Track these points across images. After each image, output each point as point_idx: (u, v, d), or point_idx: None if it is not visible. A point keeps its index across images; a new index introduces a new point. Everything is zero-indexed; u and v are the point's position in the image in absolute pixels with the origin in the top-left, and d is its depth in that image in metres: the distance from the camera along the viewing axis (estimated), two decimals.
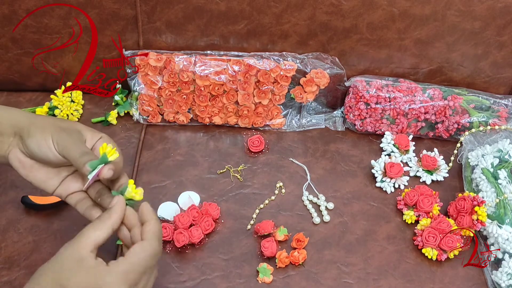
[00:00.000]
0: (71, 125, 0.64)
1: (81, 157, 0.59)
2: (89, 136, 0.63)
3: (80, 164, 0.59)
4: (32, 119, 0.63)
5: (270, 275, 0.78)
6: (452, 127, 0.95)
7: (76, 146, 0.60)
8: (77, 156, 0.59)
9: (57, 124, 0.62)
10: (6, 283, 0.75)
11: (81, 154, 0.59)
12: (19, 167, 0.63)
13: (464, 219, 0.83)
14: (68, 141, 0.60)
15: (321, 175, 0.92)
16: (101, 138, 0.64)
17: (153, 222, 0.59)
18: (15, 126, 0.62)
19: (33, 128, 0.61)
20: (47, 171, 0.63)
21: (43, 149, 0.60)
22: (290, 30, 0.93)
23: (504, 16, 0.90)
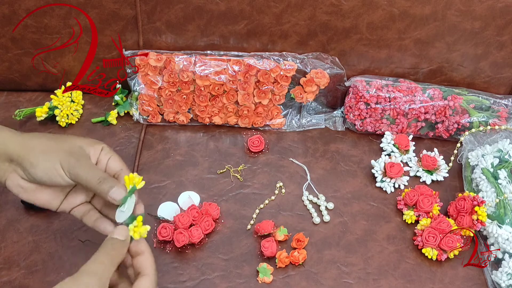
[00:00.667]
0: (72, 144, 0.61)
1: (100, 185, 0.58)
2: (91, 151, 0.62)
3: (103, 192, 0.58)
4: (27, 144, 0.60)
5: (270, 275, 0.78)
6: (452, 127, 0.95)
7: (90, 171, 0.59)
8: (95, 183, 0.58)
9: (60, 147, 0.60)
10: (6, 283, 0.75)
11: (99, 180, 0.58)
12: (20, 192, 0.61)
13: (464, 219, 0.83)
14: (80, 168, 0.59)
15: (321, 175, 0.92)
16: (102, 149, 0.63)
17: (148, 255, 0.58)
18: (7, 153, 0.59)
19: (33, 156, 0.59)
20: (51, 191, 0.63)
21: (53, 177, 0.59)
22: (290, 30, 0.93)
23: (504, 16, 0.90)
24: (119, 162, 0.63)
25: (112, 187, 0.58)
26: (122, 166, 0.63)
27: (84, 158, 0.60)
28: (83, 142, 0.62)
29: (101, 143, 0.64)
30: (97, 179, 0.58)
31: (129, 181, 0.60)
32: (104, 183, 0.58)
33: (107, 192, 0.58)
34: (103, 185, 0.58)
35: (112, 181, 0.59)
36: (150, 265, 0.58)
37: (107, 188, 0.58)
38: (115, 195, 0.58)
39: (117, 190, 0.58)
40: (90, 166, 0.60)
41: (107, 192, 0.58)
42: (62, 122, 0.96)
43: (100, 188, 0.58)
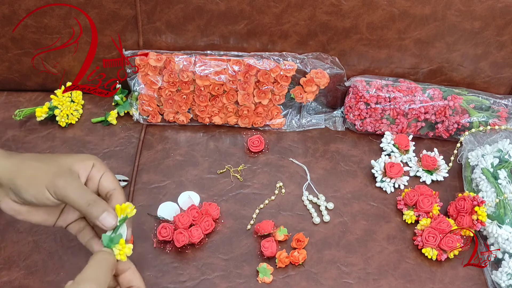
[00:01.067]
0: (60, 165, 0.59)
1: (90, 208, 0.57)
2: (81, 168, 0.60)
3: (92, 217, 0.57)
4: (15, 168, 0.59)
5: (270, 275, 0.78)
6: (452, 127, 0.95)
7: (79, 194, 0.57)
8: (84, 206, 0.57)
9: (47, 170, 0.58)
10: (6, 283, 0.75)
11: (88, 203, 0.57)
12: (14, 214, 0.61)
13: (464, 219, 0.83)
14: (68, 190, 0.57)
15: (321, 175, 0.92)
16: (93, 165, 0.61)
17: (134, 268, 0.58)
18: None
19: (21, 180, 0.58)
20: (45, 211, 0.62)
21: (42, 200, 0.58)
22: (290, 30, 0.93)
23: (504, 16, 0.90)
24: (112, 181, 0.61)
25: (103, 212, 0.57)
26: (115, 186, 0.61)
27: (73, 179, 0.58)
28: (73, 160, 0.60)
29: (92, 159, 0.61)
30: (85, 202, 0.57)
31: (121, 210, 0.58)
32: (94, 207, 0.57)
33: (96, 217, 0.57)
34: (93, 209, 0.57)
35: (102, 206, 0.57)
36: (138, 277, 0.58)
37: (97, 213, 0.57)
38: (106, 222, 0.57)
39: (108, 216, 0.57)
40: (79, 188, 0.58)
41: (97, 217, 0.57)
42: (62, 122, 0.96)
43: (89, 212, 0.57)
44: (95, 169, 0.61)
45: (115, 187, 0.61)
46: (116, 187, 0.61)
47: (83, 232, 0.63)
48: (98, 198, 0.58)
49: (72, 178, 0.58)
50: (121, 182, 0.88)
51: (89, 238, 0.63)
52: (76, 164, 0.60)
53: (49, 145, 0.94)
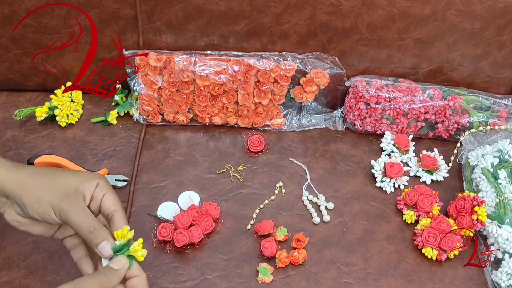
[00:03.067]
0: (67, 185, 0.60)
1: (91, 235, 0.57)
2: (86, 189, 0.60)
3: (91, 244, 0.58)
4: (22, 183, 0.60)
5: (270, 275, 0.78)
6: (452, 127, 0.95)
7: (82, 219, 0.58)
8: (85, 233, 0.58)
9: (53, 190, 0.59)
10: (6, 283, 0.75)
11: (89, 230, 0.58)
12: (17, 225, 0.62)
13: (464, 219, 0.83)
14: (72, 214, 0.58)
15: (321, 175, 0.92)
16: (97, 185, 0.61)
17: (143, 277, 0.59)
18: (4, 191, 0.60)
19: (26, 197, 0.59)
20: (46, 224, 0.63)
21: (46, 218, 0.59)
22: (290, 30, 0.93)
23: (504, 16, 0.90)
24: (114, 202, 0.61)
25: (102, 241, 0.58)
26: (116, 207, 0.61)
27: (78, 202, 0.59)
28: (79, 181, 0.61)
29: (97, 178, 0.62)
30: (87, 228, 0.58)
31: (121, 235, 0.59)
32: (94, 235, 0.58)
33: (96, 245, 0.58)
34: (93, 236, 0.58)
35: (102, 234, 0.58)
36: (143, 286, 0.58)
37: (97, 241, 0.58)
38: (103, 251, 0.58)
39: (107, 245, 0.58)
40: (82, 213, 0.59)
41: (96, 245, 0.58)
42: (62, 122, 0.96)
43: (89, 238, 0.58)
44: (98, 189, 0.61)
45: (116, 209, 0.61)
46: (117, 208, 0.61)
47: (77, 248, 0.64)
48: (99, 225, 0.59)
49: (77, 201, 0.59)
50: (121, 182, 0.88)
51: (81, 255, 0.63)
52: (81, 185, 0.60)
53: (49, 145, 0.94)
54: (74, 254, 0.64)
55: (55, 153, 0.92)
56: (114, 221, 0.60)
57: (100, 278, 0.56)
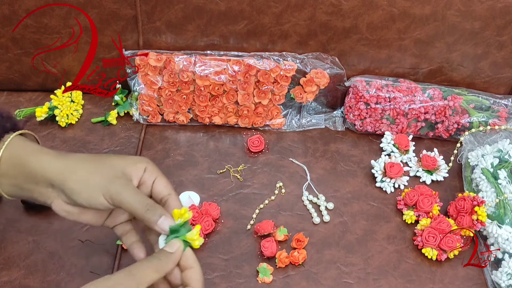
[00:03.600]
0: (114, 168, 0.58)
1: (147, 213, 0.55)
2: (133, 172, 0.58)
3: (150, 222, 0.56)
4: (67, 169, 0.57)
5: (270, 275, 0.78)
6: (452, 127, 0.95)
7: (135, 199, 0.56)
8: (141, 212, 0.55)
9: (101, 173, 0.57)
10: (6, 283, 0.75)
11: (146, 208, 0.55)
12: (66, 215, 0.60)
13: (464, 219, 0.83)
14: (123, 195, 0.56)
15: (321, 175, 0.92)
16: (146, 169, 0.59)
17: (198, 269, 0.57)
18: (47, 179, 0.57)
19: (73, 183, 0.56)
20: (95, 212, 0.61)
21: (95, 204, 0.57)
22: (290, 30, 0.93)
23: (504, 16, 0.90)
24: (166, 186, 0.60)
25: (161, 217, 0.56)
26: (170, 191, 0.59)
27: (128, 183, 0.57)
28: (125, 163, 0.59)
29: (145, 162, 0.60)
30: (143, 207, 0.56)
31: (179, 215, 0.57)
32: (151, 212, 0.55)
33: (154, 221, 0.56)
34: (150, 214, 0.55)
35: (159, 210, 0.56)
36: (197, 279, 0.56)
37: (155, 218, 0.56)
38: (164, 226, 0.56)
39: (166, 220, 0.56)
40: (135, 193, 0.57)
41: (155, 221, 0.56)
42: (62, 122, 0.96)
43: (147, 217, 0.55)
44: (148, 173, 0.59)
45: (170, 193, 0.59)
46: (170, 192, 0.59)
47: (128, 235, 0.62)
48: (154, 202, 0.57)
49: (127, 182, 0.57)
50: None
51: (133, 241, 0.62)
52: (128, 168, 0.58)
53: (49, 145, 0.93)
54: (126, 240, 0.62)
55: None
56: (170, 205, 0.58)
57: (153, 263, 0.54)
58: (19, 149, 0.59)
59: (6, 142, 0.59)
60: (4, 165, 0.58)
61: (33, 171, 0.58)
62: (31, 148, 0.60)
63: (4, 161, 0.58)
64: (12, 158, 0.58)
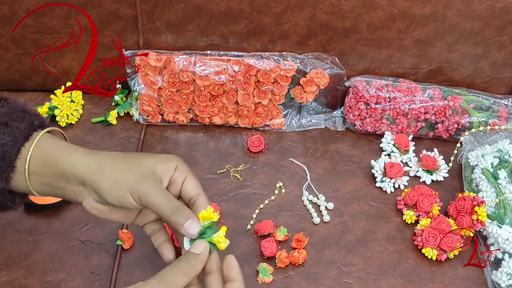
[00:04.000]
0: (144, 167, 0.57)
1: (173, 216, 0.55)
2: (164, 171, 0.58)
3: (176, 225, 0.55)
4: (97, 168, 0.57)
5: (270, 275, 0.78)
6: (452, 127, 0.95)
7: (163, 201, 0.56)
8: (168, 214, 0.55)
9: (130, 172, 0.56)
10: (6, 283, 0.75)
11: (172, 211, 0.55)
12: (96, 214, 0.59)
13: (464, 219, 0.83)
14: (151, 196, 0.55)
15: (321, 175, 0.92)
16: (176, 167, 0.59)
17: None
18: (78, 177, 0.57)
19: (103, 182, 0.56)
20: (126, 211, 0.60)
21: (124, 204, 0.56)
22: (290, 30, 0.93)
23: (504, 16, 0.90)
24: (196, 186, 0.59)
25: (187, 220, 0.55)
26: (199, 191, 0.59)
27: (156, 184, 0.56)
28: (156, 162, 0.58)
29: (175, 160, 0.59)
30: (170, 209, 0.55)
31: (206, 217, 0.56)
32: (178, 215, 0.55)
33: (181, 224, 0.55)
34: (177, 216, 0.55)
35: (186, 213, 0.56)
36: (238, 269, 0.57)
37: (181, 221, 0.55)
38: (190, 230, 0.55)
39: (192, 224, 0.55)
40: (163, 194, 0.56)
41: (181, 224, 0.55)
42: (62, 122, 0.96)
43: (173, 220, 0.55)
44: (178, 172, 0.59)
45: (199, 193, 0.59)
46: (200, 192, 0.59)
47: (157, 234, 0.62)
48: (181, 205, 0.56)
49: (156, 183, 0.57)
50: None
51: (162, 241, 0.61)
52: (159, 166, 0.58)
53: None
54: (155, 240, 0.62)
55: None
56: (198, 205, 0.58)
57: (182, 266, 0.54)
58: (48, 147, 0.58)
59: (35, 140, 0.57)
60: (34, 163, 0.57)
61: (63, 170, 0.57)
62: (60, 145, 0.59)
63: (34, 159, 0.57)
64: (42, 156, 0.57)
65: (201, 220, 0.56)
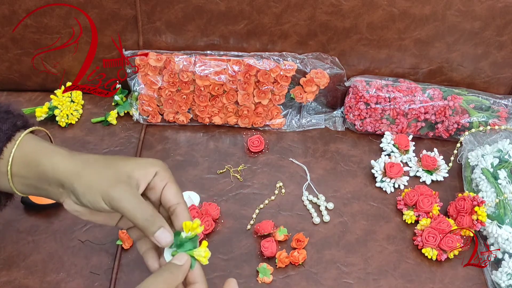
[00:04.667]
0: (119, 171, 0.56)
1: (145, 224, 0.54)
2: (142, 176, 0.56)
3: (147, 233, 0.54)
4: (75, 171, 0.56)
5: (270, 275, 0.78)
6: (452, 127, 0.95)
7: (135, 208, 0.54)
8: (140, 222, 0.54)
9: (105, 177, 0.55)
10: (6, 283, 0.75)
11: (143, 218, 0.54)
12: (78, 215, 0.58)
13: (464, 219, 0.83)
14: (123, 203, 0.54)
15: (321, 175, 0.92)
16: (156, 173, 0.57)
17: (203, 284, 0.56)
18: (58, 179, 0.56)
19: (78, 186, 0.55)
20: (106, 214, 0.59)
21: (99, 208, 0.55)
22: (290, 30, 0.93)
23: (504, 16, 0.90)
24: (176, 194, 0.57)
25: (159, 229, 0.54)
26: (179, 199, 0.57)
27: (130, 190, 0.55)
28: (134, 166, 0.56)
29: (156, 166, 0.57)
30: (141, 216, 0.54)
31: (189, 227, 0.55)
32: (150, 222, 0.54)
33: (152, 233, 0.54)
34: (148, 224, 0.54)
35: (159, 221, 0.54)
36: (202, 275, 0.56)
37: (153, 229, 0.54)
38: (161, 239, 0.54)
39: (163, 233, 0.54)
40: (134, 200, 0.54)
41: (152, 233, 0.54)
42: (62, 122, 0.96)
43: (145, 227, 0.54)
44: (158, 178, 0.57)
45: (179, 201, 0.57)
46: (179, 201, 0.57)
47: (142, 240, 0.60)
48: (154, 213, 0.55)
49: (129, 188, 0.55)
50: None
51: (147, 248, 0.60)
52: (136, 171, 0.56)
53: None
54: (140, 246, 0.60)
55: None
56: (178, 215, 0.56)
57: (165, 276, 0.53)
58: (30, 148, 0.58)
59: (17, 141, 0.57)
60: (16, 164, 0.57)
61: (44, 172, 0.56)
62: (42, 147, 0.58)
63: (16, 161, 0.57)
64: (24, 157, 0.57)
65: (185, 229, 0.55)
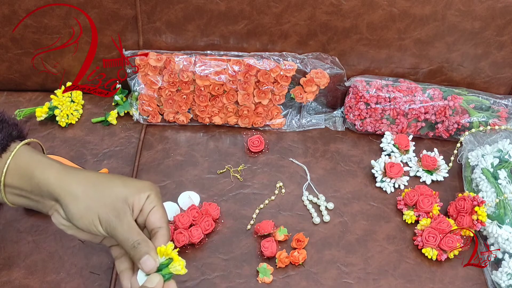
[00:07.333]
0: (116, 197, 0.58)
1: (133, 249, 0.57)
2: (136, 201, 0.59)
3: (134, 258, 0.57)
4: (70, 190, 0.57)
5: (270, 275, 0.78)
6: (452, 127, 0.95)
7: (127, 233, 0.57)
8: (129, 246, 0.57)
9: (102, 201, 0.57)
10: (6, 283, 0.75)
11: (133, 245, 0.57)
12: (64, 229, 0.60)
13: (464, 219, 0.83)
14: (118, 227, 0.57)
15: (321, 175, 0.92)
16: (148, 197, 0.59)
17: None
18: (51, 194, 0.57)
19: (74, 206, 0.57)
20: None
21: (91, 229, 0.57)
22: (290, 30, 0.93)
23: (504, 16, 0.90)
24: (160, 218, 0.60)
25: (144, 255, 0.56)
26: (162, 224, 0.59)
27: (124, 215, 0.58)
28: (129, 192, 0.59)
29: (148, 190, 0.60)
30: (130, 243, 0.57)
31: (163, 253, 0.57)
32: (137, 249, 0.57)
33: (138, 259, 0.56)
34: (135, 251, 0.57)
35: (145, 249, 0.57)
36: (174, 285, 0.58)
37: (139, 255, 0.56)
38: (145, 265, 0.56)
39: (148, 260, 0.56)
40: (126, 227, 0.57)
41: (138, 259, 0.57)
42: (62, 122, 0.96)
43: (132, 253, 0.57)
44: (148, 201, 0.59)
45: (161, 226, 0.59)
46: (162, 225, 0.59)
47: (122, 259, 0.62)
48: (143, 239, 0.57)
49: (124, 214, 0.58)
50: None
51: (124, 268, 0.61)
52: (131, 197, 0.58)
53: (49, 145, 0.93)
54: (118, 265, 0.62)
55: (55, 153, 0.91)
56: (157, 238, 0.59)
57: None
58: (25, 160, 0.59)
59: (13, 152, 0.58)
60: (10, 176, 0.58)
61: (38, 185, 0.57)
62: (36, 159, 0.59)
63: (11, 172, 0.58)
64: (19, 169, 0.58)
65: (159, 254, 0.57)
